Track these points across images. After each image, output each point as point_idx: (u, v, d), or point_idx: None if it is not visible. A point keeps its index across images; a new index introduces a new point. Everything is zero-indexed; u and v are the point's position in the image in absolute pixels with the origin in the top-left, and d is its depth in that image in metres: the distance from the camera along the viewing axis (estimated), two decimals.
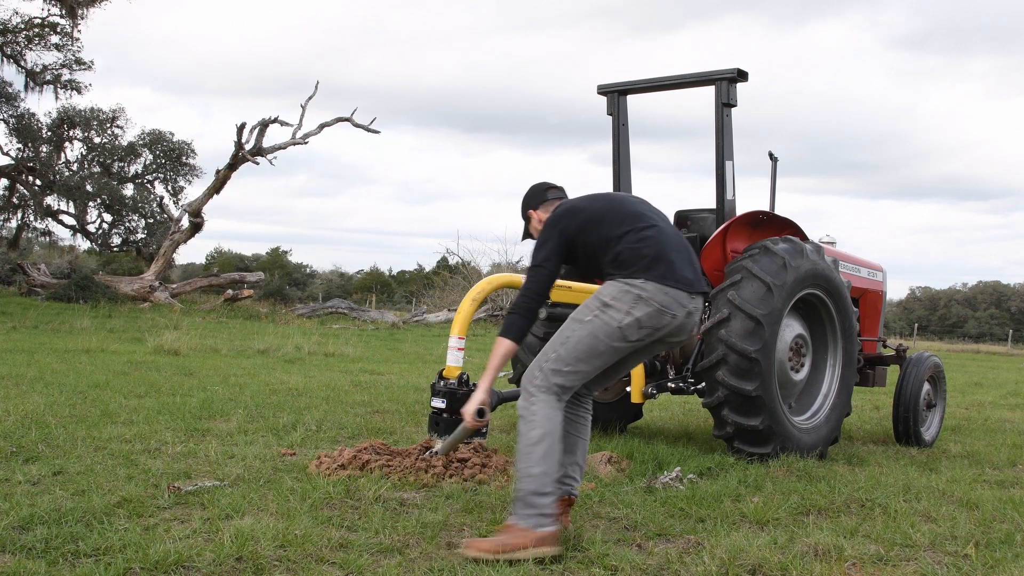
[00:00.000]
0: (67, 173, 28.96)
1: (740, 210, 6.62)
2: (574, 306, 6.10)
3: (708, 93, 6.63)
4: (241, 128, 24.44)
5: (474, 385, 5.11)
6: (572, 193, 4.25)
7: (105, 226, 30.64)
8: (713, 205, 6.73)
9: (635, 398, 6.12)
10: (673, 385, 6.22)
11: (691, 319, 3.81)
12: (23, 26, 25.33)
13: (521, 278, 5.78)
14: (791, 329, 6.21)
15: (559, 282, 6.03)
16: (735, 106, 6.50)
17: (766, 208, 6.78)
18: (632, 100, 7.11)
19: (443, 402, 5.00)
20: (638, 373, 6.10)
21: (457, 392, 5.00)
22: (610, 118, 7.08)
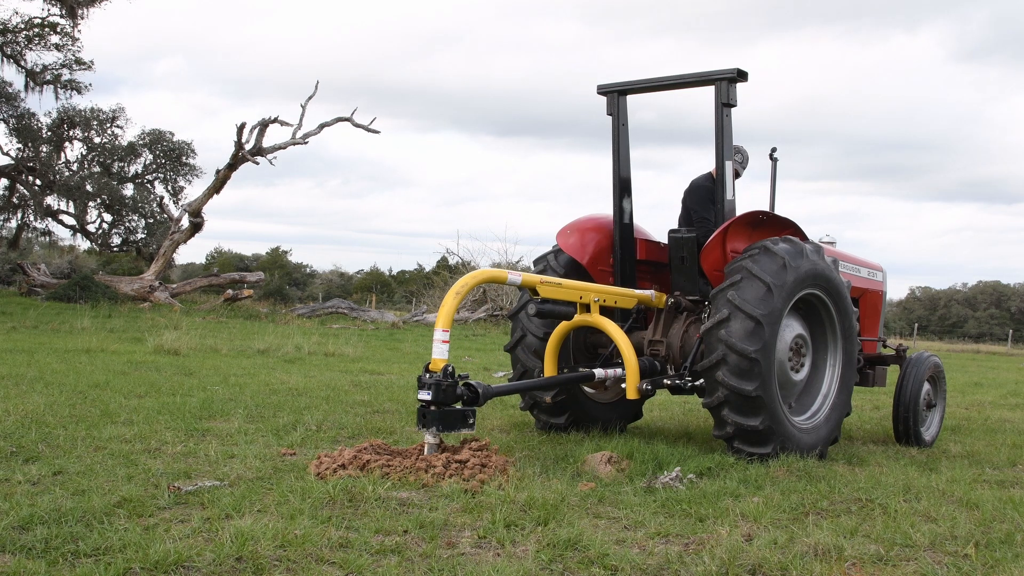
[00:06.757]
0: (67, 173, 28.91)
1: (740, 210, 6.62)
2: (563, 303, 6.13)
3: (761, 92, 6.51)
4: (241, 128, 24.47)
5: (460, 377, 5.17)
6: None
7: (105, 226, 30.61)
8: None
9: (630, 394, 6.12)
10: (669, 382, 6.22)
11: None
12: (23, 26, 25.31)
13: (506, 273, 5.79)
14: (791, 329, 6.21)
15: (548, 279, 6.04)
16: (735, 106, 6.49)
17: (765, 208, 6.77)
18: (684, 105, 7.06)
19: (428, 394, 5.05)
20: (632, 369, 6.09)
21: (442, 384, 5.05)
22: (610, 118, 7.06)
